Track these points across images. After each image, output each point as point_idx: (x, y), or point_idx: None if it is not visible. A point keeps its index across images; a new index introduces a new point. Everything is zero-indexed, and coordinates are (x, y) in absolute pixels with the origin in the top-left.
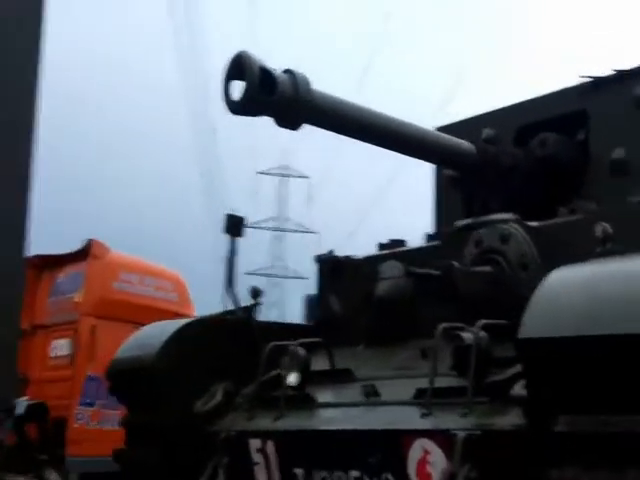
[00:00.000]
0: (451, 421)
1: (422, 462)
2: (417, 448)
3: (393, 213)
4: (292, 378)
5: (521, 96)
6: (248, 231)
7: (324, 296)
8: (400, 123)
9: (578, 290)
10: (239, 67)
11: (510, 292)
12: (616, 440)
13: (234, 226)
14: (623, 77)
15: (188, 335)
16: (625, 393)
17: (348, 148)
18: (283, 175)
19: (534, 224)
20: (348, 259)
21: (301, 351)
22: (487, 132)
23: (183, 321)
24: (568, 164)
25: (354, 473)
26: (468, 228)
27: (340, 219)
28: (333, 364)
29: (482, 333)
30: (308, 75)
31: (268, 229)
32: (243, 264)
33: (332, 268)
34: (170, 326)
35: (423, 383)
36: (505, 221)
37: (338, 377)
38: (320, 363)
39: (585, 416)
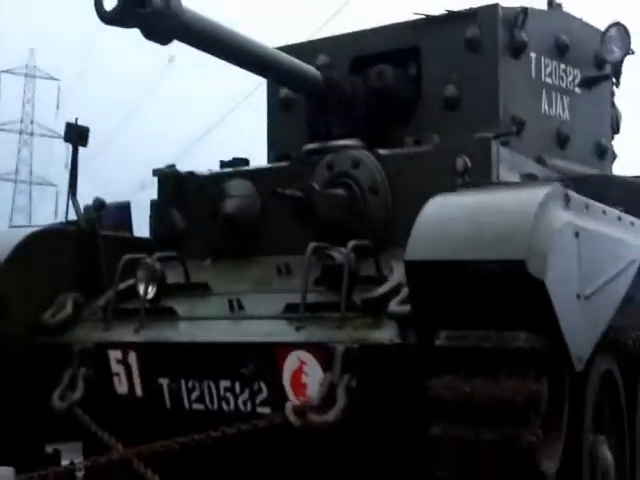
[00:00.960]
0: (328, 334)
1: (297, 372)
2: (293, 359)
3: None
4: (144, 290)
5: (357, 26)
6: None
7: (166, 211)
8: (259, 45)
9: (459, 217)
10: None
11: (361, 215)
12: (489, 353)
13: (78, 136)
14: (455, 18)
15: (33, 245)
16: (498, 312)
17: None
18: (29, 75)
19: (383, 152)
20: (192, 175)
21: (156, 264)
22: (323, 58)
23: (27, 230)
24: (402, 96)
25: (224, 383)
26: (316, 152)
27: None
28: (188, 278)
29: (351, 254)
30: None
31: (13, 132)
32: None
33: (174, 184)
34: (14, 235)
35: (288, 298)
36: (355, 147)
37: (194, 290)
38: (172, 276)
39: (463, 331)
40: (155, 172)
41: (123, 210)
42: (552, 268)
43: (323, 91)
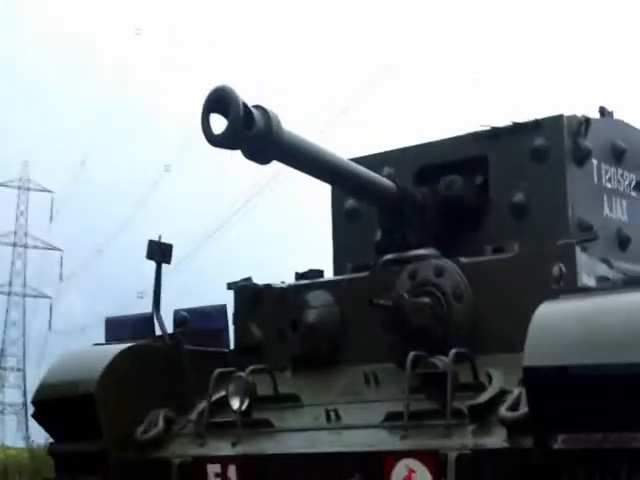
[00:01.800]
0: (436, 442)
1: None
2: (401, 468)
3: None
4: (238, 403)
5: (420, 138)
6: None
7: (242, 323)
8: (346, 163)
9: (574, 321)
10: (220, 101)
11: (446, 321)
12: (610, 455)
13: (161, 252)
14: (521, 128)
15: (124, 362)
16: (618, 413)
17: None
18: (23, 188)
19: (465, 260)
20: (269, 287)
21: (247, 377)
22: (387, 170)
23: (117, 348)
24: (470, 205)
25: None
26: (396, 262)
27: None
28: (277, 389)
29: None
30: None
31: (6, 244)
32: None
33: (252, 296)
34: (103, 353)
35: (385, 407)
36: (435, 256)
37: (284, 402)
38: (259, 388)
39: (580, 434)
40: (230, 285)
41: (221, 314)
42: None
43: (397, 201)
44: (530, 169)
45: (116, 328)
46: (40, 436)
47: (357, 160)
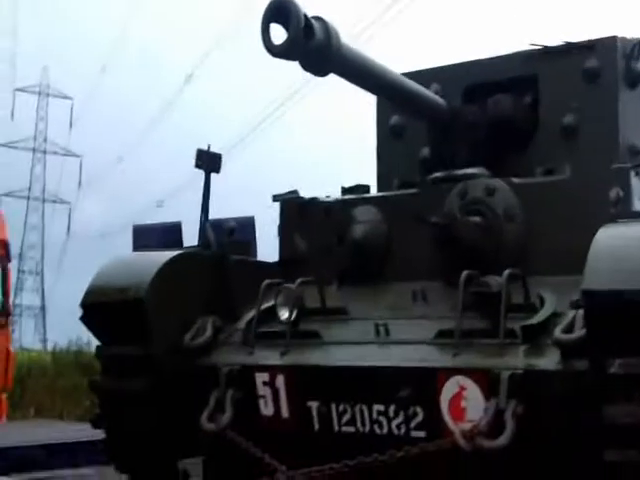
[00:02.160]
0: (489, 361)
1: (456, 397)
2: (452, 384)
3: None
4: (287, 314)
5: (469, 55)
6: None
7: (288, 236)
8: (400, 78)
9: (635, 246)
10: (280, 11)
11: (497, 242)
12: None
13: (211, 161)
14: (573, 49)
15: (174, 269)
16: None
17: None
18: (43, 93)
19: (517, 180)
20: (316, 201)
21: (295, 288)
22: (435, 87)
23: (168, 254)
24: (520, 125)
25: (378, 406)
26: (446, 180)
27: (105, 143)
28: (324, 302)
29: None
30: None
31: (26, 150)
32: None
33: (298, 209)
34: (154, 258)
35: (436, 324)
36: (485, 175)
37: (332, 315)
38: (306, 301)
39: (637, 359)
40: (276, 197)
41: (248, 226)
42: None
43: (447, 119)
44: (581, 90)
45: (144, 236)
46: (59, 338)
47: (405, 75)
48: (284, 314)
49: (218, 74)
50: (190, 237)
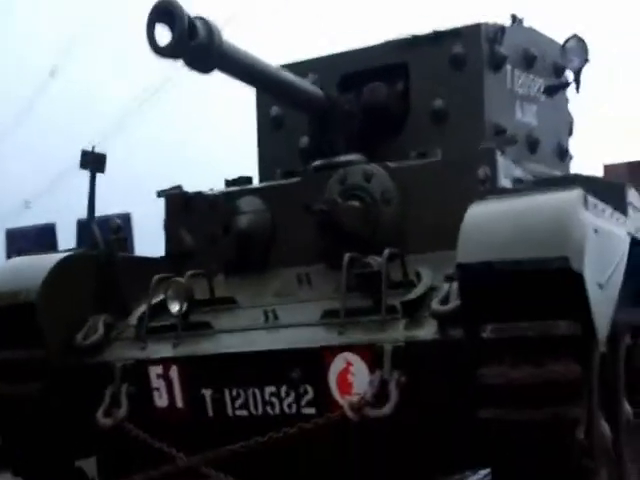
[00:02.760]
0: (373, 336)
1: (343, 373)
2: (339, 361)
3: None
4: (178, 306)
5: (343, 45)
6: None
7: (174, 230)
8: (279, 72)
9: (502, 221)
10: (165, 13)
11: (376, 224)
12: (533, 341)
13: (96, 162)
14: (441, 36)
15: (63, 271)
16: (540, 304)
17: None
18: None
19: (392, 164)
20: (200, 194)
21: (185, 281)
22: (312, 77)
23: (57, 256)
24: (393, 111)
25: (270, 388)
26: (326, 167)
27: None
28: (213, 293)
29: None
30: None
31: None
32: None
33: (183, 203)
34: (43, 261)
35: (321, 305)
36: (363, 161)
37: (221, 305)
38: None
39: (507, 324)
40: (160, 193)
41: (49, 232)
42: (587, 263)
43: (325, 108)
44: (449, 76)
45: (17, 239)
46: None
47: (283, 67)
48: (175, 307)
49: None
50: (63, 238)
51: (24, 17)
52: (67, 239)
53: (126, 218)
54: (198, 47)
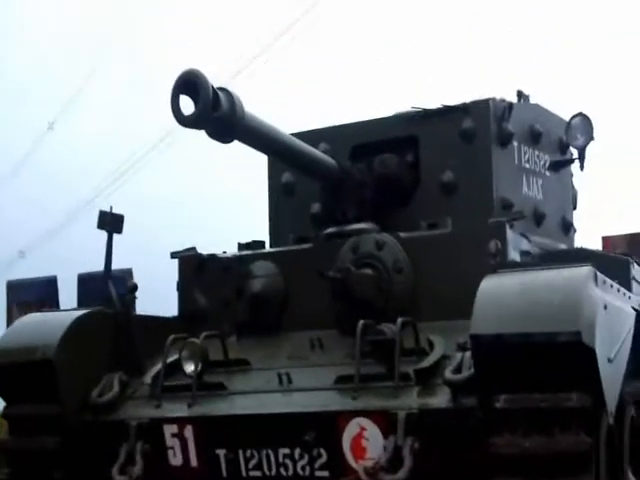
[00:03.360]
0: (386, 402)
1: (357, 438)
2: (353, 426)
3: None
4: (192, 367)
5: (354, 117)
6: None
7: (187, 291)
8: (296, 142)
9: (515, 295)
10: (189, 84)
11: (388, 292)
12: (545, 413)
13: (113, 223)
14: (450, 111)
15: (80, 328)
16: (553, 377)
17: None
18: None
19: (404, 235)
20: (214, 257)
21: (200, 342)
22: (324, 146)
23: (74, 314)
24: (403, 182)
25: (284, 450)
26: (338, 235)
27: None
28: (227, 354)
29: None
30: None
31: None
32: None
33: (197, 265)
34: (61, 318)
35: (335, 371)
36: (374, 230)
37: (234, 366)
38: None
39: (520, 395)
40: (174, 255)
41: (50, 285)
42: (597, 337)
43: (338, 178)
44: (458, 149)
45: (18, 291)
46: None
47: (296, 135)
48: (189, 367)
49: (80, 122)
50: (63, 292)
51: (22, 70)
52: (69, 292)
53: (128, 273)
54: (221, 118)
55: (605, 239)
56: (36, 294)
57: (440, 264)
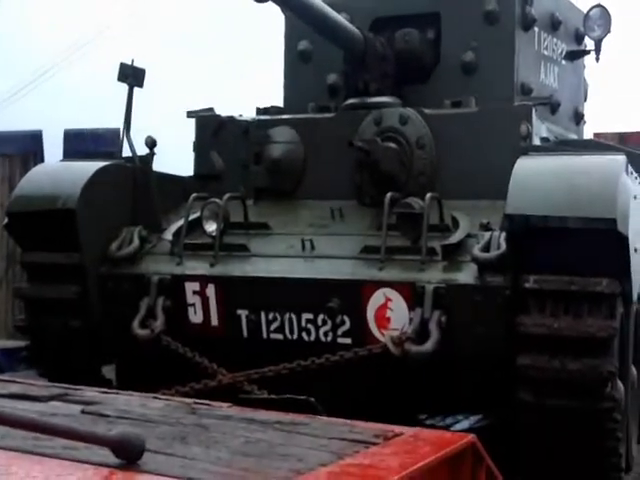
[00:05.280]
0: (413, 275)
1: (382, 308)
2: (379, 296)
3: None
4: (213, 227)
5: None
6: None
7: (204, 152)
8: (327, 8)
9: (551, 177)
10: None
11: (409, 167)
12: (574, 295)
13: (134, 75)
14: None
15: (102, 180)
16: (584, 261)
17: None
18: None
19: (428, 111)
20: (233, 120)
21: (222, 202)
22: (344, 16)
23: (95, 165)
24: (423, 58)
25: (307, 315)
26: (361, 106)
27: None
28: (247, 217)
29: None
30: None
31: None
32: None
33: (215, 126)
34: (81, 168)
35: (360, 240)
36: (398, 104)
37: (254, 229)
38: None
39: (550, 276)
40: (190, 114)
41: (35, 139)
42: (630, 226)
43: (361, 49)
44: (481, 30)
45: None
46: None
47: None
48: (211, 227)
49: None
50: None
51: None
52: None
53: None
54: None
55: (596, 136)
56: (21, 147)
57: (464, 143)
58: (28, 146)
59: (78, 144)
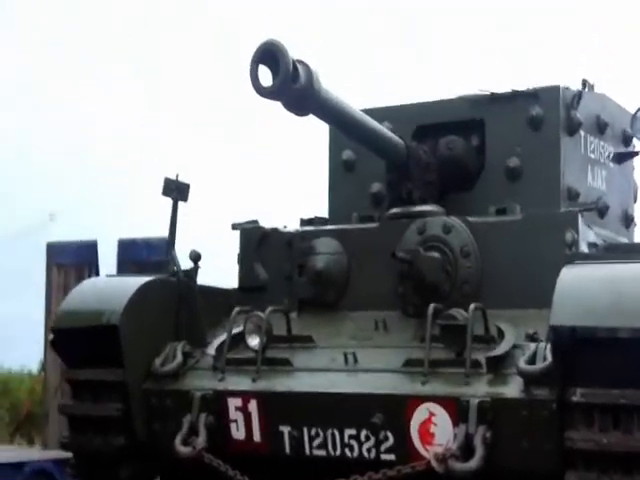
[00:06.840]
0: (457, 389)
1: (425, 423)
2: (422, 411)
3: None
4: (255, 341)
5: (419, 97)
6: None
7: (248, 264)
8: (366, 118)
9: (598, 286)
10: (269, 55)
11: (454, 276)
12: (624, 409)
13: (178, 190)
14: (519, 96)
15: (145, 295)
16: (633, 372)
17: None
18: None
19: (472, 219)
20: (276, 231)
21: (266, 316)
22: (387, 125)
23: (139, 280)
24: (468, 165)
25: (349, 431)
26: (404, 216)
27: None
28: (291, 330)
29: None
30: None
31: None
32: None
33: (259, 238)
34: (125, 284)
35: (403, 353)
36: (441, 213)
37: (298, 342)
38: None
39: (598, 389)
40: (235, 226)
41: (90, 249)
42: None
43: (404, 158)
44: (525, 135)
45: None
46: None
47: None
48: (253, 341)
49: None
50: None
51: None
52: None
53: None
54: (299, 90)
55: None
56: (75, 257)
57: (509, 251)
58: (83, 256)
59: (132, 253)
